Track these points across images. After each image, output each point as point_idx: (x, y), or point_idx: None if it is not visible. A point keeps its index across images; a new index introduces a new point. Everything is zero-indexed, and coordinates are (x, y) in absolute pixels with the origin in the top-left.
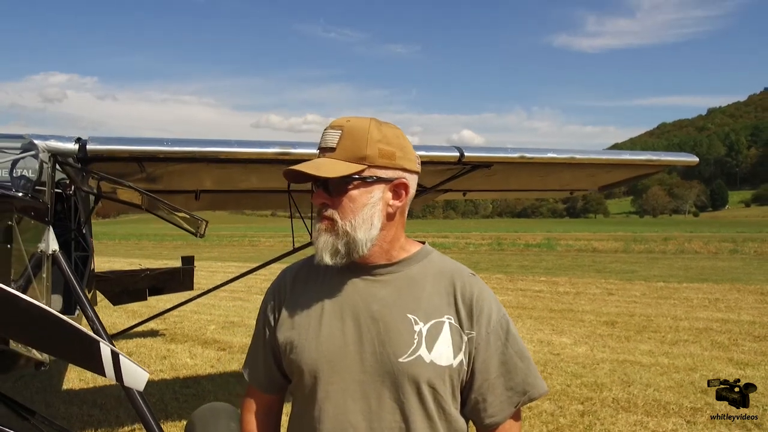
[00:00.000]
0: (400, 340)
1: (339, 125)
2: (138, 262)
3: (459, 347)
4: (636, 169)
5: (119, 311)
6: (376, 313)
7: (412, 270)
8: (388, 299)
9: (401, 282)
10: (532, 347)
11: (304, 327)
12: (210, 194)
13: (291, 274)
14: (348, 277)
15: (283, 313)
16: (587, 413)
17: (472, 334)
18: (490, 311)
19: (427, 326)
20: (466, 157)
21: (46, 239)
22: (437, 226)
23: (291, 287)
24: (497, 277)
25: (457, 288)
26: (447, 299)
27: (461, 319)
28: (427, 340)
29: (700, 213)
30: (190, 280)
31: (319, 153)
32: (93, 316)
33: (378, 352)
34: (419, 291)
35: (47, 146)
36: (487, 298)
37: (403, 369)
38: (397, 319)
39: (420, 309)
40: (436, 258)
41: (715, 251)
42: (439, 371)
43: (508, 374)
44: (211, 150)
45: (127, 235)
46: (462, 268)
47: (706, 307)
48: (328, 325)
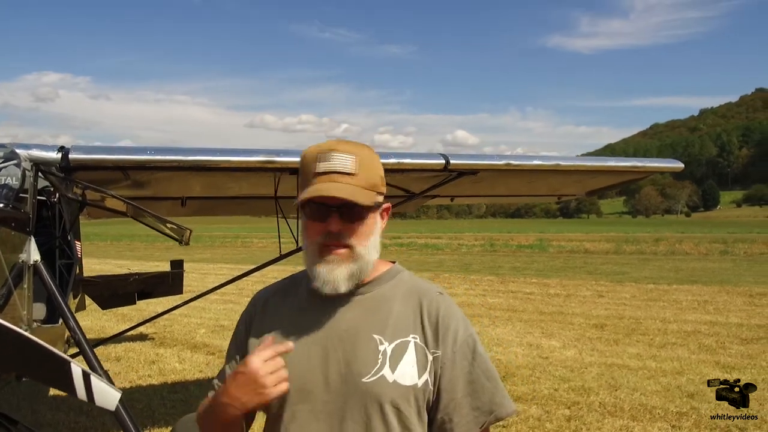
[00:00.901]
0: (364, 359)
1: (348, 151)
2: (129, 263)
3: (424, 366)
4: (622, 175)
5: (109, 315)
6: (343, 334)
7: (381, 290)
8: (355, 320)
9: (370, 302)
10: (521, 350)
11: None
12: (196, 201)
13: (263, 298)
14: (318, 299)
15: (253, 335)
16: (574, 418)
17: (437, 353)
18: (456, 330)
19: (392, 346)
20: (452, 164)
21: (27, 249)
22: (430, 226)
23: (262, 311)
24: (488, 279)
25: (423, 307)
26: (413, 318)
27: (427, 338)
28: (391, 359)
29: (692, 213)
30: (179, 284)
31: (323, 175)
32: (75, 327)
33: (343, 373)
34: (387, 311)
35: (29, 155)
36: (453, 316)
37: (367, 389)
38: (363, 340)
39: (386, 329)
40: (406, 277)
41: (705, 252)
42: (403, 391)
43: (475, 394)
44: (195, 159)
45: (118, 236)
46: (431, 287)
47: (695, 309)
48: (295, 347)
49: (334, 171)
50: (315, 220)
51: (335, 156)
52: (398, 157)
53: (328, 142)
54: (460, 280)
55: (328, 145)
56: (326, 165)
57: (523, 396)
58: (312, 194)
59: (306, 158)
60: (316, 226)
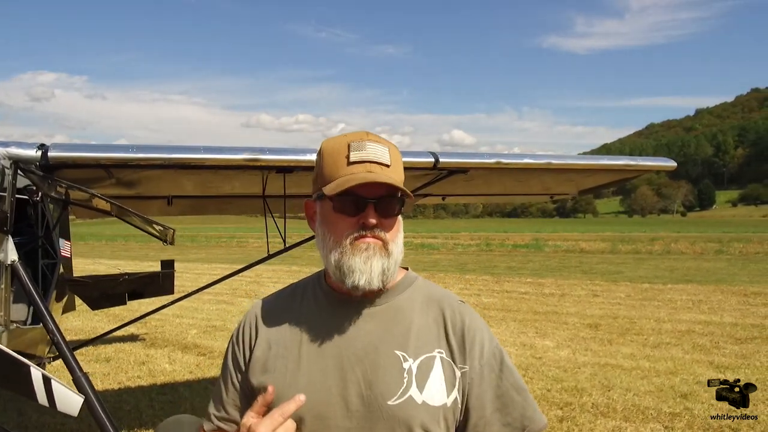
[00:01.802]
0: (388, 380)
1: (381, 142)
2: (123, 263)
3: (452, 383)
4: (614, 174)
5: (100, 315)
6: (360, 351)
7: (399, 300)
8: (374, 334)
9: (387, 314)
10: (515, 350)
11: (280, 370)
12: (183, 199)
13: (261, 310)
14: (328, 310)
15: (255, 354)
16: (566, 419)
17: (465, 368)
18: (482, 342)
19: (417, 363)
20: (441, 163)
21: (4, 249)
22: (427, 226)
23: (262, 325)
24: (484, 279)
25: (447, 318)
26: (437, 331)
27: (453, 352)
28: (418, 378)
29: (688, 213)
30: (170, 284)
31: (359, 164)
32: (53, 328)
33: (365, 396)
34: (407, 323)
35: (8, 153)
36: (479, 327)
37: (393, 413)
38: (384, 357)
39: (409, 344)
40: (421, 285)
41: (700, 252)
42: (433, 412)
43: (505, 409)
44: (179, 157)
45: (113, 236)
46: (450, 295)
47: (690, 308)
48: (307, 368)
49: (371, 161)
50: (346, 214)
51: (371, 146)
52: None
53: (355, 132)
54: (455, 280)
55: (360, 135)
56: (362, 154)
57: None
58: (356, 182)
59: (332, 148)
60: (348, 220)
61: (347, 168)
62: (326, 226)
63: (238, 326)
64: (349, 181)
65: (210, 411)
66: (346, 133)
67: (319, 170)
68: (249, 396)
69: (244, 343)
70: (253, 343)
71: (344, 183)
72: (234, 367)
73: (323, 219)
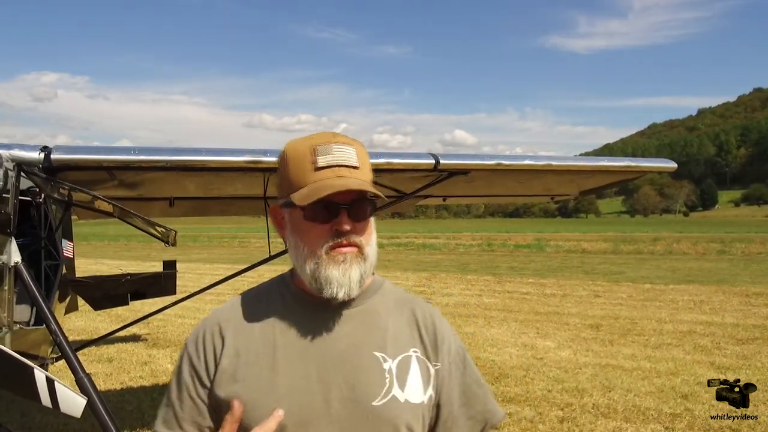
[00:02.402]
0: (370, 381)
1: (348, 143)
2: (126, 264)
3: (428, 381)
4: (614, 175)
5: (103, 315)
6: (342, 354)
7: (372, 302)
8: (352, 337)
9: (363, 316)
10: (516, 351)
11: (253, 379)
12: (185, 201)
13: (223, 317)
14: (302, 314)
15: (222, 364)
16: (566, 419)
17: (438, 365)
18: (450, 341)
19: (395, 362)
20: (442, 164)
21: (8, 251)
22: (428, 226)
23: (227, 333)
24: (485, 279)
25: (419, 319)
26: (410, 332)
27: (427, 351)
28: (398, 377)
29: (691, 213)
30: (172, 284)
31: (327, 169)
32: (56, 329)
33: (347, 398)
34: (383, 325)
35: (11, 155)
36: (446, 327)
37: (378, 413)
38: (364, 358)
39: (387, 344)
40: (389, 287)
41: (703, 252)
42: (414, 410)
43: (469, 403)
44: (181, 159)
45: (116, 236)
46: (417, 297)
47: (691, 309)
48: (285, 373)
49: (339, 164)
50: (318, 221)
51: (338, 148)
52: (388, 156)
53: (320, 134)
54: (456, 280)
55: (325, 137)
56: (329, 158)
57: (516, 397)
58: (328, 191)
59: (297, 151)
60: (320, 227)
61: (315, 174)
62: (298, 235)
63: (195, 337)
64: (320, 189)
65: (159, 431)
66: (310, 135)
67: (284, 176)
68: (215, 409)
69: (206, 353)
70: (218, 353)
71: (315, 192)
72: (193, 380)
73: (294, 227)
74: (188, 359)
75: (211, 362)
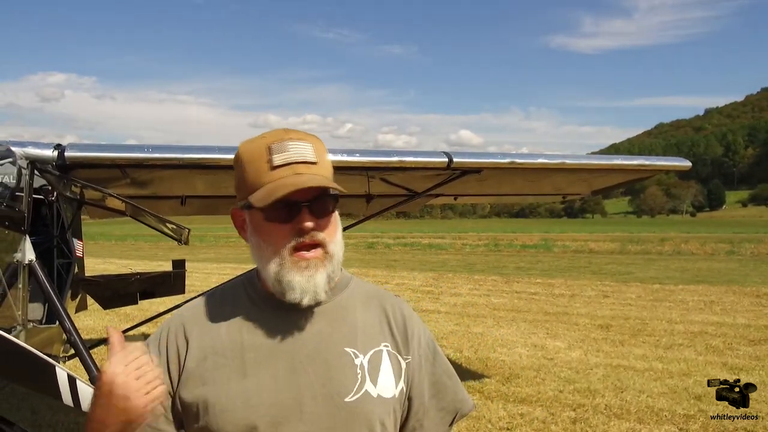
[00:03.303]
0: (342, 377)
1: (303, 138)
2: (134, 263)
3: (399, 375)
4: (629, 174)
5: (112, 315)
6: (312, 352)
7: (341, 298)
8: (322, 334)
9: (333, 313)
10: (526, 351)
11: (221, 380)
12: (196, 199)
13: (187, 318)
14: (270, 312)
15: (188, 366)
16: (579, 420)
17: (408, 358)
18: (420, 333)
19: (367, 357)
20: (455, 162)
21: (22, 249)
22: (434, 226)
23: (191, 334)
24: (493, 279)
25: (388, 313)
26: (380, 326)
27: (398, 345)
28: (370, 373)
29: (698, 213)
30: (181, 283)
31: (283, 167)
32: (70, 327)
33: (319, 395)
34: (352, 320)
35: (25, 153)
36: (416, 319)
37: (352, 409)
38: (335, 355)
39: (357, 340)
40: (357, 282)
41: (711, 252)
42: (386, 405)
43: (439, 394)
44: (193, 156)
45: (123, 236)
46: (386, 290)
47: (702, 309)
48: (255, 374)
49: (296, 161)
50: (279, 221)
51: (293, 144)
52: (400, 155)
53: (273, 131)
54: (464, 280)
55: (278, 135)
56: (285, 156)
57: (528, 398)
58: (285, 190)
59: (251, 152)
60: (282, 227)
61: (271, 173)
62: (260, 236)
63: (157, 339)
64: (277, 189)
65: None
66: (264, 134)
67: (240, 177)
68: (183, 412)
69: (169, 355)
70: (182, 355)
71: (273, 192)
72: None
73: (255, 229)
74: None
75: (174, 365)
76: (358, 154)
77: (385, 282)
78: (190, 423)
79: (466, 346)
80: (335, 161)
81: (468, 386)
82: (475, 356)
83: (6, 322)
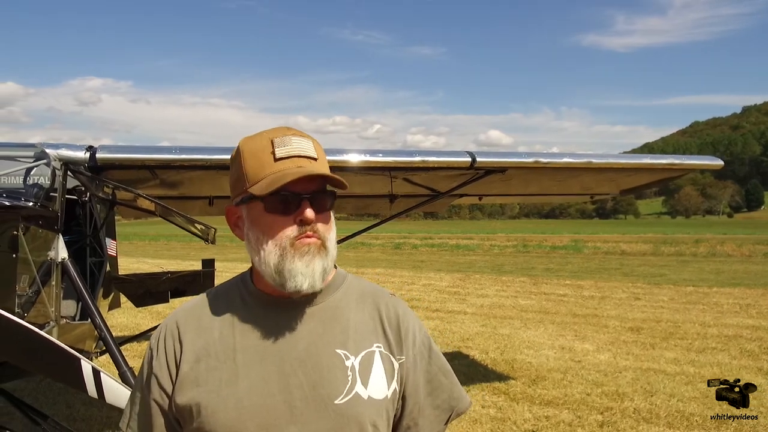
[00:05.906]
0: (332, 379)
1: (303, 136)
2: (166, 262)
3: (392, 375)
4: (658, 173)
5: (144, 312)
6: (302, 353)
7: (334, 298)
8: (313, 335)
9: (325, 314)
10: (553, 353)
11: (214, 383)
12: (224, 200)
13: (181, 320)
14: (262, 314)
15: (182, 369)
16: (606, 424)
17: (402, 358)
18: (414, 332)
19: (358, 359)
20: (479, 162)
21: (55, 247)
22: (463, 226)
23: (186, 336)
24: (521, 280)
25: (382, 312)
26: (373, 326)
27: (391, 345)
28: (361, 374)
29: (735, 214)
30: (211, 282)
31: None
32: (101, 324)
33: (309, 398)
34: (345, 321)
35: (59, 155)
36: (411, 317)
37: (342, 411)
38: (326, 357)
39: (348, 341)
40: (352, 281)
41: (748, 254)
42: (378, 406)
43: (435, 392)
44: (220, 158)
45: (156, 236)
46: (382, 289)
47: (737, 313)
48: (246, 376)
49: (299, 155)
50: (280, 213)
51: (296, 140)
52: (423, 155)
53: (275, 128)
54: (491, 282)
55: (281, 131)
56: (288, 149)
57: (555, 400)
58: (292, 177)
59: (254, 146)
60: (283, 219)
61: (275, 165)
62: (260, 228)
63: (156, 340)
64: (283, 177)
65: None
66: (265, 130)
67: (240, 172)
68: (175, 416)
69: (167, 357)
70: (178, 357)
71: (277, 180)
72: (155, 385)
73: (254, 222)
74: (149, 363)
75: (172, 367)
76: (381, 154)
77: (412, 283)
78: (185, 425)
79: (492, 347)
80: (358, 161)
81: (493, 387)
82: (501, 358)
83: (40, 318)
